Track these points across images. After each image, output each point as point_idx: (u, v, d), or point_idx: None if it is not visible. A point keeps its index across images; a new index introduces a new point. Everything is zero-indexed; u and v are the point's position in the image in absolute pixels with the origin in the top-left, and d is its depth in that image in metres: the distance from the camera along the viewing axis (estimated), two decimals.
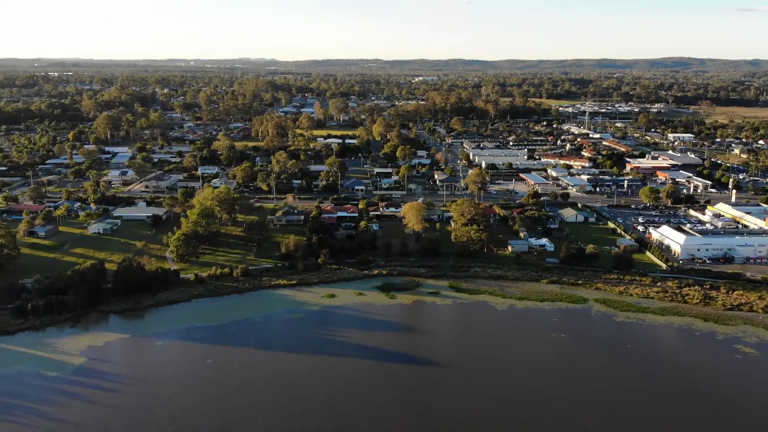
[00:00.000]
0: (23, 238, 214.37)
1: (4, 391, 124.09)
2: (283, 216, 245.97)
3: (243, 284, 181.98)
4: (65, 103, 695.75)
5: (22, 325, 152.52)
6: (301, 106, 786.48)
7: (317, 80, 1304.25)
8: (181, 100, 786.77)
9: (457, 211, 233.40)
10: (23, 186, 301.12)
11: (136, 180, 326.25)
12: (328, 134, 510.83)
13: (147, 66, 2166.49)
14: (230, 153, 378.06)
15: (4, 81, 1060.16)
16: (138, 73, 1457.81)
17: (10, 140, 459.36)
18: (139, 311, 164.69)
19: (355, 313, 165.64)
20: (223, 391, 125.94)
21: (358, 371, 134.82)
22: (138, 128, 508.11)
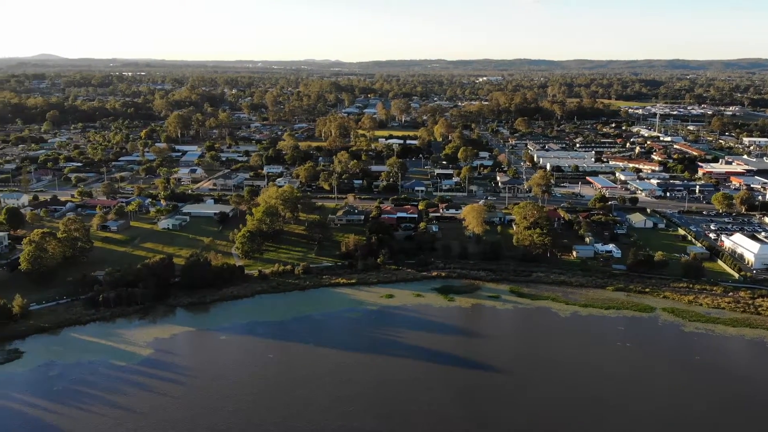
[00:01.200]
0: (96, 232, 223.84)
1: (76, 378, 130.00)
2: (344, 215, 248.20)
3: (304, 282, 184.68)
4: (138, 102, 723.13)
5: (93, 315, 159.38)
6: (364, 107, 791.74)
7: (380, 81, 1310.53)
8: (248, 100, 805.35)
9: (520, 214, 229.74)
10: (97, 182, 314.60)
11: (205, 178, 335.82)
12: (390, 135, 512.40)
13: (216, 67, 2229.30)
14: (294, 153, 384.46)
15: (81, 80, 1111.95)
16: (208, 74, 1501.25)
17: (86, 137, 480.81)
18: (205, 305, 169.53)
19: (413, 315, 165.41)
20: (283, 386, 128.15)
21: (415, 372, 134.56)
22: (207, 128, 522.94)
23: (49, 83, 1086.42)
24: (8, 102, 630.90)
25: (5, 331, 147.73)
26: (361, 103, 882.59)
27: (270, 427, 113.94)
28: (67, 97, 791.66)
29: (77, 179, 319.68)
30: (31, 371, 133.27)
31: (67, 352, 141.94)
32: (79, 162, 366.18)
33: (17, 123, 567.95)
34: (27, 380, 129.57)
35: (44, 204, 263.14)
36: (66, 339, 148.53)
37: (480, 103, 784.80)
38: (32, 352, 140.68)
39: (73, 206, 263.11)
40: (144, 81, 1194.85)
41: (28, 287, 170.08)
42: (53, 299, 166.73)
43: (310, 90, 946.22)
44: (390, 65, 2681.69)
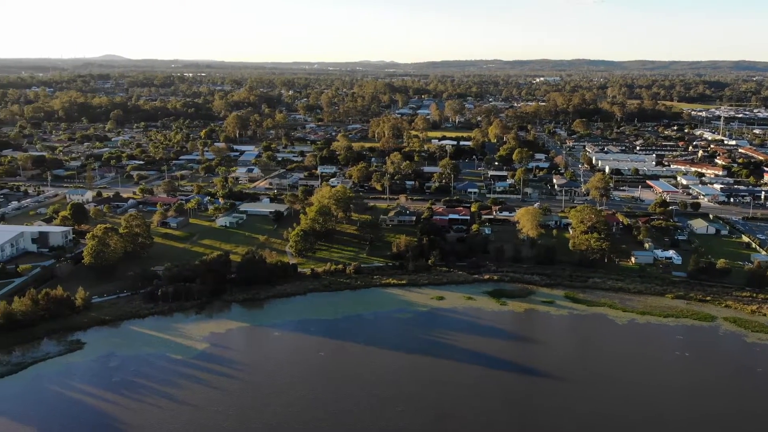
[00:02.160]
0: (157, 228, 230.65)
1: (134, 371, 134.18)
2: (396, 216, 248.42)
3: (355, 281, 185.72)
4: (198, 103, 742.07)
5: (152, 309, 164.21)
6: (417, 108, 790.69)
7: (434, 82, 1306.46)
8: (304, 101, 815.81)
9: (577, 218, 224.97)
10: (158, 180, 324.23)
11: (261, 177, 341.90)
12: (443, 136, 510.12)
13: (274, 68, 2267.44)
14: (348, 153, 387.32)
15: (144, 81, 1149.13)
16: (265, 75, 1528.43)
17: (148, 136, 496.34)
18: (259, 301, 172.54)
19: (464, 318, 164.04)
20: (334, 383, 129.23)
21: (464, 375, 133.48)
22: (264, 128, 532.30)
23: (113, 83, 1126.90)
24: (74, 101, 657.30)
25: (68, 322, 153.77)
26: (414, 104, 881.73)
27: (320, 423, 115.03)
28: (131, 97, 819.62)
29: (139, 177, 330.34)
30: (91, 362, 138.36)
31: (127, 344, 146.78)
32: (141, 160, 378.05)
33: (83, 121, 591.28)
34: (87, 370, 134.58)
35: (107, 200, 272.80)
36: (125, 331, 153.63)
37: (537, 103, 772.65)
38: (93, 344, 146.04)
39: (135, 203, 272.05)
40: (204, 82, 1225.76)
41: (90, 280, 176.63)
42: (114, 293, 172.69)
43: (365, 91, 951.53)
44: (445, 66, 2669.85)
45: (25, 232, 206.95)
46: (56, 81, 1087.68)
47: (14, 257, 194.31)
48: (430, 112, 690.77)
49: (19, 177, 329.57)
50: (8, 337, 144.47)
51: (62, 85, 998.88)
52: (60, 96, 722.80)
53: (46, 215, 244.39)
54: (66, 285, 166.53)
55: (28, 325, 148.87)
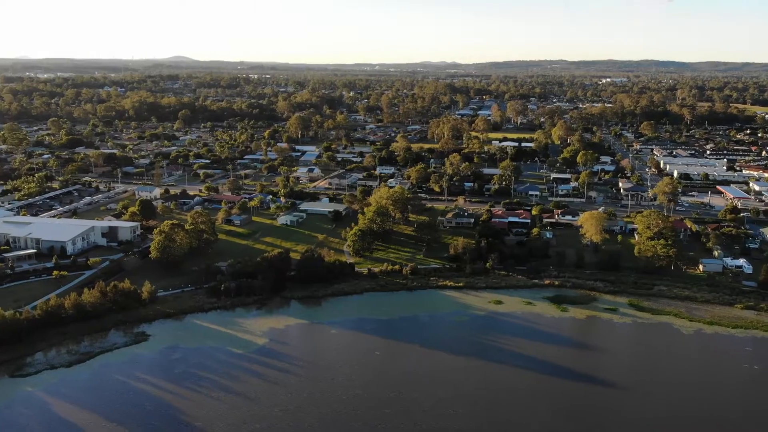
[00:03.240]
0: (221, 225, 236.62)
1: (196, 363, 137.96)
2: (454, 218, 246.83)
3: (412, 282, 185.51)
4: (263, 104, 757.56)
5: (215, 303, 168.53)
6: (478, 109, 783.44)
7: (496, 82, 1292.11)
8: (364, 102, 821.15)
9: (643, 223, 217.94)
10: (223, 178, 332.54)
11: (321, 177, 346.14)
12: (504, 137, 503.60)
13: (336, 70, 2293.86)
14: (406, 154, 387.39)
15: (211, 82, 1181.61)
16: (328, 77, 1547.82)
17: (214, 136, 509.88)
18: (317, 299, 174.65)
19: (522, 323, 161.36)
20: (389, 383, 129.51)
21: (522, 381, 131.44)
22: (325, 129, 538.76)
23: (181, 84, 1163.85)
24: (144, 101, 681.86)
25: (134, 314, 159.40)
26: (475, 104, 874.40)
27: (374, 422, 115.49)
28: (198, 98, 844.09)
29: (205, 175, 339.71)
30: (155, 353, 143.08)
31: (190, 337, 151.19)
32: (207, 159, 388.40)
33: (152, 121, 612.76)
34: (151, 362, 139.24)
35: (174, 197, 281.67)
36: (189, 325, 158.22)
37: (603, 105, 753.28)
38: (158, 336, 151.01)
39: (201, 200, 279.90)
40: (269, 83, 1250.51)
41: (156, 274, 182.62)
42: (179, 287, 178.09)
43: (425, 92, 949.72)
44: (507, 66, 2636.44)
45: (96, 227, 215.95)
46: (127, 81, 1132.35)
47: (85, 250, 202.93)
48: (491, 112, 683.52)
49: (91, 173, 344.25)
50: (78, 327, 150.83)
51: (133, 86, 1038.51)
52: (131, 96, 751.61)
53: (116, 211, 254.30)
54: (133, 278, 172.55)
55: (96, 316, 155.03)
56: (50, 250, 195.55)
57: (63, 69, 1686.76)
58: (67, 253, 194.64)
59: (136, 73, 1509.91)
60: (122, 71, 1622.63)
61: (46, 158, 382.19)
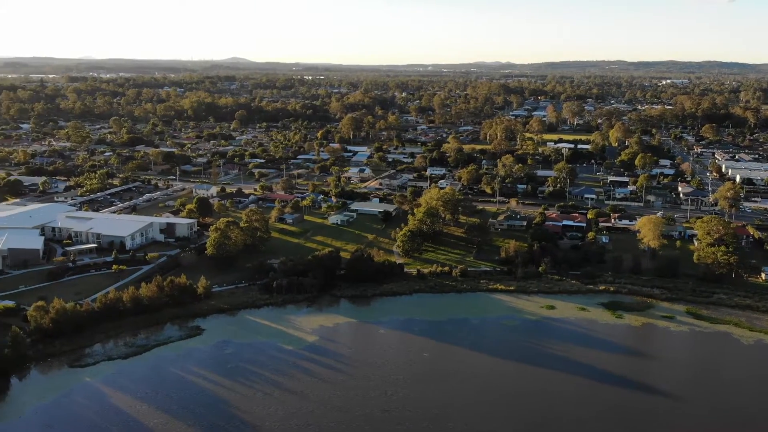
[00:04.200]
0: (274, 223, 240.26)
1: (248, 358, 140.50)
2: (505, 220, 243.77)
3: (461, 284, 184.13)
4: (316, 105, 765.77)
5: (267, 300, 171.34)
6: (533, 110, 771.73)
7: (552, 83, 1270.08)
8: (416, 103, 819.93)
9: (703, 229, 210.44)
10: (277, 177, 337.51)
11: (372, 177, 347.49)
12: (559, 138, 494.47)
13: (389, 71, 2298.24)
14: (458, 155, 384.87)
15: (267, 83, 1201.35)
16: (380, 78, 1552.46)
17: (269, 136, 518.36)
18: (366, 298, 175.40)
19: (575, 329, 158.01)
20: (437, 384, 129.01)
21: (573, 388, 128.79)
22: (377, 129, 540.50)
23: (238, 85, 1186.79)
24: (203, 101, 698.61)
25: (189, 309, 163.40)
26: (530, 105, 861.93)
27: (422, 423, 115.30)
28: (254, 98, 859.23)
29: (260, 174, 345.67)
30: (209, 347, 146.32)
31: (242, 332, 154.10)
32: (262, 158, 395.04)
33: (210, 120, 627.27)
34: (205, 355, 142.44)
35: (230, 195, 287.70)
36: (242, 320, 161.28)
37: (662, 107, 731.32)
38: (211, 330, 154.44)
39: (255, 199, 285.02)
40: (322, 84, 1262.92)
41: (211, 270, 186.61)
42: (233, 283, 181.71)
43: (478, 92, 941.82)
44: (564, 66, 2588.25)
45: (154, 223, 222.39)
46: (186, 82, 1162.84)
47: (143, 246, 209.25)
48: (546, 113, 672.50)
49: (150, 171, 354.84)
50: (135, 320, 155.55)
51: (191, 86, 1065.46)
52: (189, 96, 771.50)
53: (174, 208, 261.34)
54: (189, 274, 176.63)
55: (153, 310, 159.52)
56: (110, 244, 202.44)
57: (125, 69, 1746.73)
58: (126, 248, 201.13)
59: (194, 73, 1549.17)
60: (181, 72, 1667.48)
61: (108, 156, 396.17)
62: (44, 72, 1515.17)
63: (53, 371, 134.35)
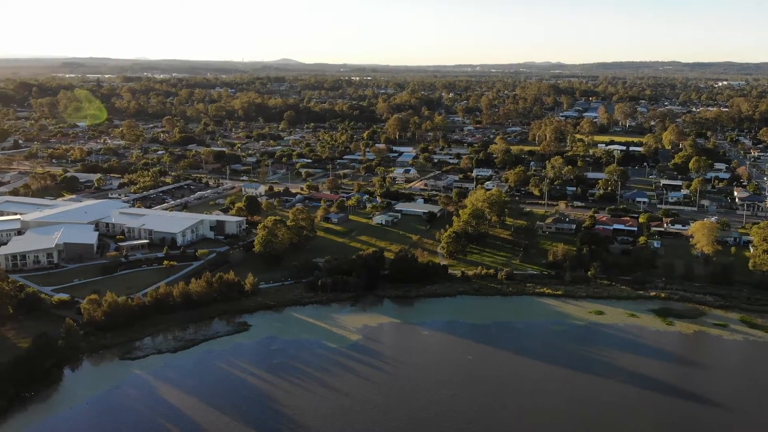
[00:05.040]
0: (320, 222, 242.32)
1: (292, 355, 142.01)
2: (554, 223, 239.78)
3: (507, 287, 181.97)
4: (363, 105, 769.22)
5: (312, 298, 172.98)
6: (584, 111, 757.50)
7: (604, 83, 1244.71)
8: (463, 104, 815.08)
9: (759, 235, 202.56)
10: (323, 177, 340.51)
11: (417, 178, 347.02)
12: (611, 140, 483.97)
13: (436, 71, 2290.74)
14: (505, 156, 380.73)
15: (315, 84, 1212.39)
16: (427, 78, 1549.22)
17: (316, 136, 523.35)
18: (410, 299, 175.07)
19: (624, 335, 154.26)
20: (479, 388, 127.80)
21: (621, 395, 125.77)
22: (423, 130, 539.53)
23: (287, 86, 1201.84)
24: (252, 101, 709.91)
25: (237, 305, 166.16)
26: (581, 106, 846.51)
27: (463, 425, 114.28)
28: (302, 99, 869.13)
29: (306, 174, 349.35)
30: (255, 343, 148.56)
31: (288, 329, 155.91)
32: (309, 158, 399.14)
33: (259, 121, 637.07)
34: (252, 351, 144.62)
35: (278, 194, 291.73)
36: (287, 317, 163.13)
37: (718, 109, 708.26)
38: (258, 326, 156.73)
39: (302, 198, 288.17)
40: (369, 85, 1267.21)
41: (259, 267, 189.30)
42: (279, 280, 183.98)
43: (527, 93, 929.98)
44: (616, 67, 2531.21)
45: (205, 220, 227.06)
46: (237, 82, 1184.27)
47: (194, 242, 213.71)
48: (597, 115, 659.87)
49: (201, 169, 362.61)
50: (184, 315, 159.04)
51: (242, 87, 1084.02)
52: (240, 96, 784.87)
53: (224, 205, 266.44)
54: (237, 270, 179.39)
55: (202, 305, 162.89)
56: (162, 240, 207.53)
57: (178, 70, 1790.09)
58: (177, 244, 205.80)
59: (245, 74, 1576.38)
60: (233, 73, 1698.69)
61: (161, 154, 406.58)
62: (100, 72, 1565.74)
63: (104, 363, 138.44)
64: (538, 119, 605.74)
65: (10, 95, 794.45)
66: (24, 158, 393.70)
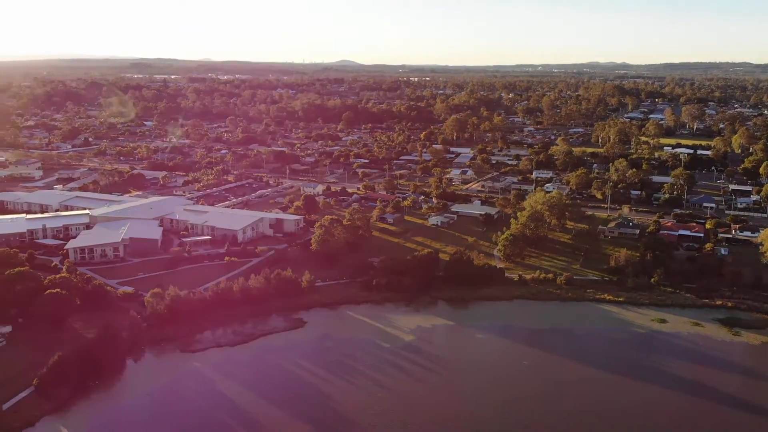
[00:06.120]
0: (375, 222, 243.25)
1: (346, 353, 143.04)
2: (616, 228, 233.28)
3: (566, 292, 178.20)
4: (421, 106, 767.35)
5: (366, 297, 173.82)
6: (649, 112, 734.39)
7: (671, 85, 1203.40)
8: (524, 104, 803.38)
9: None
10: (380, 177, 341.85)
11: (474, 179, 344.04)
12: (677, 143, 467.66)
13: (496, 71, 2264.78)
14: (566, 158, 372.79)
15: (373, 85, 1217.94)
16: (487, 79, 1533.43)
17: (373, 137, 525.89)
18: (465, 302, 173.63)
19: (687, 345, 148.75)
20: (535, 394, 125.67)
21: (681, 406, 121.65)
22: (481, 131, 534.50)
23: (346, 87, 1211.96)
24: (313, 103, 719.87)
25: (294, 301, 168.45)
26: (646, 107, 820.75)
27: (518, 429, 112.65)
28: (361, 100, 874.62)
29: (363, 174, 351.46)
30: (311, 340, 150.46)
31: (342, 327, 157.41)
32: (366, 159, 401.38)
33: (318, 121, 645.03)
34: (307, 348, 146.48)
35: (335, 194, 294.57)
36: (342, 315, 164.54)
37: None
38: (313, 323, 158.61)
39: (358, 198, 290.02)
40: (428, 86, 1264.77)
41: (315, 265, 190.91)
42: (335, 278, 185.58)
43: (590, 94, 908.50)
44: (684, 68, 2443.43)
45: (264, 218, 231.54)
46: (298, 84, 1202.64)
47: (253, 239, 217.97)
48: (663, 116, 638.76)
49: (262, 169, 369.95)
50: (243, 309, 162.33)
51: (303, 88, 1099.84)
52: (300, 98, 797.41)
53: (283, 204, 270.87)
54: (294, 267, 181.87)
55: (260, 301, 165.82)
56: (223, 237, 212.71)
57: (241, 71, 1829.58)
58: (238, 241, 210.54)
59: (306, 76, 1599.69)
60: (294, 74, 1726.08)
61: (224, 153, 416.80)
62: (167, 73, 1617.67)
63: (166, 355, 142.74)
64: (601, 120, 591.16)
65: (82, 94, 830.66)
66: (93, 155, 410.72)
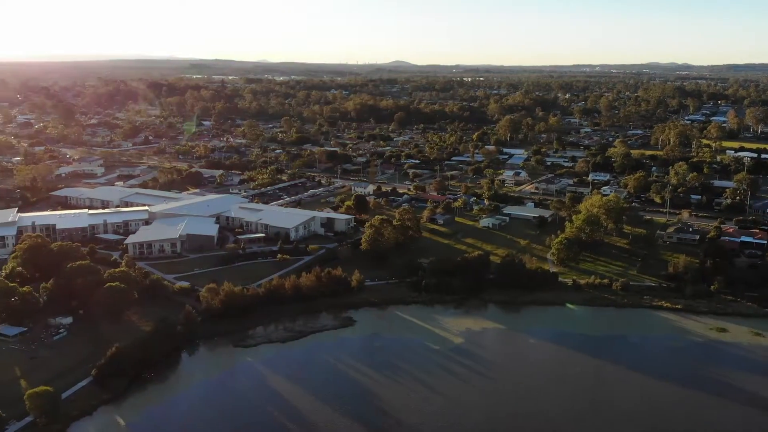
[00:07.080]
0: (425, 223, 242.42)
1: (395, 353, 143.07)
2: (675, 233, 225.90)
3: (622, 299, 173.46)
4: (474, 107, 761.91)
5: (416, 298, 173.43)
6: (712, 114, 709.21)
7: (734, 86, 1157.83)
8: (581, 105, 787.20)
9: None
10: (430, 178, 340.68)
11: (528, 181, 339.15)
12: (741, 147, 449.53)
13: (552, 72, 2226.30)
14: (624, 160, 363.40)
15: (426, 85, 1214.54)
16: (543, 79, 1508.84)
17: (425, 137, 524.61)
18: (516, 305, 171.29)
19: (749, 355, 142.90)
20: (588, 403, 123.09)
21: (741, 419, 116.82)
22: (536, 132, 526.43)
23: (399, 88, 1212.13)
24: (365, 103, 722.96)
25: (343, 300, 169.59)
26: (708, 110, 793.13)
27: None
28: (413, 101, 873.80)
29: (414, 174, 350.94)
30: (360, 339, 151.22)
31: (391, 327, 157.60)
32: (417, 159, 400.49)
33: (370, 122, 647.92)
34: (356, 347, 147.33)
35: (385, 194, 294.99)
36: (391, 315, 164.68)
37: None
38: (363, 323, 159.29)
39: (408, 198, 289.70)
40: (481, 86, 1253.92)
41: (365, 265, 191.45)
42: (384, 278, 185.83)
43: (650, 95, 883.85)
44: (748, 69, 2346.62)
45: (316, 217, 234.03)
46: (351, 85, 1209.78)
47: (305, 238, 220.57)
48: (726, 119, 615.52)
49: (315, 168, 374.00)
50: (294, 307, 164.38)
51: (356, 89, 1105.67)
52: (353, 98, 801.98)
53: (334, 203, 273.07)
54: (345, 266, 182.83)
55: (310, 299, 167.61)
56: (276, 235, 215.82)
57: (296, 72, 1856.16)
58: (290, 239, 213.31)
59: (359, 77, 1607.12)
60: (347, 75, 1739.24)
61: (278, 153, 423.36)
62: (224, 73, 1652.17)
63: (219, 349, 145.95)
64: (661, 122, 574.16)
65: (142, 94, 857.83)
66: (153, 153, 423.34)
